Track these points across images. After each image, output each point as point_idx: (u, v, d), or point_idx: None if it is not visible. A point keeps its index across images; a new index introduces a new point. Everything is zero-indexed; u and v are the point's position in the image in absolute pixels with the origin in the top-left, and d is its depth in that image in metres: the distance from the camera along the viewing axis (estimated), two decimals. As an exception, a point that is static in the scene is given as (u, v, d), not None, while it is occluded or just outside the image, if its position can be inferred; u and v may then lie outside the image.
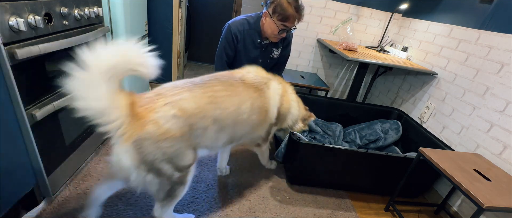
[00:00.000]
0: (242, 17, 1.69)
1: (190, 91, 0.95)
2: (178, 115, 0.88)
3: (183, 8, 2.26)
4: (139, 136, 0.82)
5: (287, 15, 1.51)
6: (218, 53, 1.73)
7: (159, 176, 0.93)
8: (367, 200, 1.64)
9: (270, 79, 1.27)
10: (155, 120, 0.84)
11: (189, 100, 0.92)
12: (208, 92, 0.99)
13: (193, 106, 0.92)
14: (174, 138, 0.88)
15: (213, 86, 1.03)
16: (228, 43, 1.66)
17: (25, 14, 0.90)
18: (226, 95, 1.04)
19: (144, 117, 0.84)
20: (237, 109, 1.06)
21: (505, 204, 1.05)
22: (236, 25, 1.64)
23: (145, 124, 0.83)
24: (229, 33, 1.64)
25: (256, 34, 1.67)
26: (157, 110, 0.86)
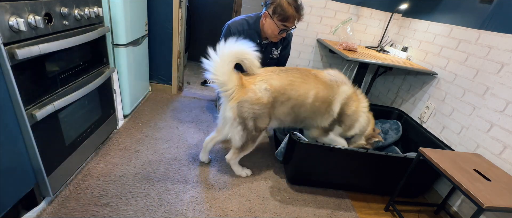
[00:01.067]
0: (241, 17, 1.69)
1: (277, 74, 1.36)
2: (268, 88, 1.31)
3: (183, 8, 2.26)
4: (242, 98, 1.29)
5: (287, 16, 1.51)
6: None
7: (244, 129, 1.37)
8: (367, 200, 1.64)
9: (344, 83, 1.49)
10: (254, 89, 1.29)
11: (276, 80, 1.34)
12: (289, 77, 1.37)
13: (278, 84, 1.33)
14: (263, 103, 1.31)
15: (293, 73, 1.40)
16: None
17: (25, 14, 0.90)
18: (301, 81, 1.38)
19: (247, 86, 1.29)
20: (305, 93, 1.38)
21: (505, 204, 1.05)
22: (235, 26, 1.64)
23: (247, 92, 1.29)
24: (228, 33, 1.65)
25: (256, 34, 1.67)
26: (256, 83, 1.30)
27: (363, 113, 1.55)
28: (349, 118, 1.51)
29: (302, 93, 1.37)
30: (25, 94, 0.94)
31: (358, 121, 1.54)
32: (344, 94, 1.47)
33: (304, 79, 1.39)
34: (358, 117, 1.53)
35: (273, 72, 1.37)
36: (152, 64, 2.36)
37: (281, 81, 1.34)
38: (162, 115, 2.12)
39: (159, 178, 1.46)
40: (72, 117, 1.24)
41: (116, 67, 1.77)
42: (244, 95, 1.28)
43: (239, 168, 1.59)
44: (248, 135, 1.38)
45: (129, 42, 1.80)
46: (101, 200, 1.26)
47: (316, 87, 1.41)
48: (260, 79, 1.31)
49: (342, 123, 1.53)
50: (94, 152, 1.55)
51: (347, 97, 1.48)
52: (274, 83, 1.32)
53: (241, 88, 1.29)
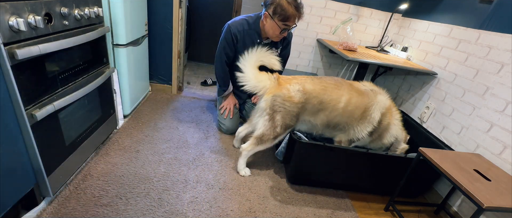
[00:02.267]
0: (241, 17, 1.70)
1: (312, 80, 1.48)
2: (301, 90, 1.43)
3: (183, 8, 2.26)
4: (276, 93, 1.43)
5: (288, 15, 1.52)
6: (217, 53, 1.73)
7: (270, 120, 1.46)
8: (367, 200, 1.64)
9: (380, 93, 1.57)
10: (288, 88, 1.43)
11: (310, 84, 1.45)
12: (323, 83, 1.47)
13: (311, 88, 1.44)
14: (294, 102, 1.42)
15: (327, 80, 1.50)
16: (228, 44, 1.67)
17: (25, 14, 0.90)
18: (334, 87, 1.47)
19: (283, 85, 1.44)
20: (337, 98, 1.46)
21: (505, 204, 1.05)
22: (235, 26, 1.64)
23: (282, 89, 1.43)
24: (228, 33, 1.65)
25: (256, 34, 1.67)
26: (291, 83, 1.44)
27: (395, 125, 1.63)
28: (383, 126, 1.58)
29: (334, 98, 1.45)
30: (25, 94, 0.94)
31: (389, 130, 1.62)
32: (382, 103, 1.54)
33: (337, 86, 1.48)
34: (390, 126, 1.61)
35: (308, 78, 1.49)
36: (152, 64, 2.36)
37: (314, 86, 1.44)
38: (162, 115, 2.12)
39: (159, 178, 1.46)
40: (72, 117, 1.24)
41: (116, 67, 1.77)
42: (278, 91, 1.42)
43: (244, 164, 1.61)
44: (272, 126, 1.46)
45: (129, 42, 1.80)
46: (101, 200, 1.26)
47: (349, 93, 1.48)
48: (295, 81, 1.45)
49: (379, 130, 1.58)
50: (94, 152, 1.55)
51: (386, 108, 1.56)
52: (307, 86, 1.43)
53: (277, 85, 1.44)
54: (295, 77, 1.49)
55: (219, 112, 2.03)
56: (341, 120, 1.51)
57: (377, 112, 1.52)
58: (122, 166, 1.49)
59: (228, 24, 1.67)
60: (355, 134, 1.57)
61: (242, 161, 1.60)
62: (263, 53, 1.46)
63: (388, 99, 1.59)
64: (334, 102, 1.45)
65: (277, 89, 1.42)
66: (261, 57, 1.46)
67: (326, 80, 1.49)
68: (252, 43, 1.68)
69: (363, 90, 1.53)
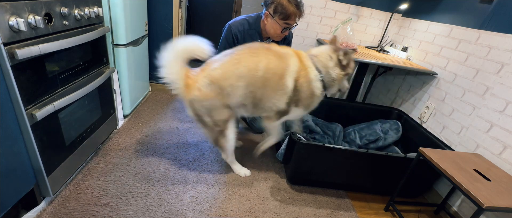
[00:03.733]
0: (242, 17, 1.69)
1: (220, 61, 1.29)
2: (210, 82, 1.26)
3: (183, 8, 2.26)
4: (190, 97, 1.28)
5: (288, 13, 1.52)
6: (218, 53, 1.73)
7: (205, 126, 1.38)
8: (367, 200, 1.64)
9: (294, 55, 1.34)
10: (198, 87, 1.27)
11: (217, 69, 1.26)
12: (233, 56, 1.28)
13: (219, 73, 1.26)
14: (211, 98, 1.27)
15: (240, 50, 1.31)
16: (229, 44, 1.66)
17: (25, 14, 0.89)
18: (249, 55, 1.28)
19: (192, 86, 1.27)
20: (255, 65, 1.26)
21: (505, 204, 1.05)
22: (236, 26, 1.64)
23: (193, 90, 1.27)
24: (229, 33, 1.65)
25: (256, 34, 1.67)
26: (199, 81, 1.27)
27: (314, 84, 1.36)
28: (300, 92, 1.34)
29: (252, 66, 1.25)
30: (25, 94, 0.94)
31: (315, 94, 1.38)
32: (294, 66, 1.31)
33: (252, 52, 1.29)
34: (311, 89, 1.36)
35: (217, 60, 1.29)
36: (152, 64, 2.36)
37: (223, 67, 1.26)
38: (162, 115, 2.12)
39: (159, 178, 1.46)
40: (72, 117, 1.24)
41: (116, 67, 1.77)
42: (191, 95, 1.28)
43: (238, 166, 1.60)
44: (211, 129, 1.39)
45: (129, 42, 1.80)
46: (101, 200, 1.26)
47: (266, 58, 1.28)
48: (203, 75, 1.27)
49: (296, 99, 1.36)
50: (94, 152, 1.55)
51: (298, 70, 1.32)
52: (215, 73, 1.25)
53: (187, 88, 1.28)
54: (204, 68, 1.30)
55: None
56: (263, 92, 1.31)
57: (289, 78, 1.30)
58: (122, 166, 1.49)
59: (228, 24, 1.67)
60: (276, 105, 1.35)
61: (233, 166, 1.60)
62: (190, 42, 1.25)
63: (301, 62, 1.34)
64: (252, 71, 1.25)
65: (189, 93, 1.28)
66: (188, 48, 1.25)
67: (239, 51, 1.30)
68: None
69: (282, 53, 1.32)
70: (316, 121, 2.09)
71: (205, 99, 1.27)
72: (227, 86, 1.26)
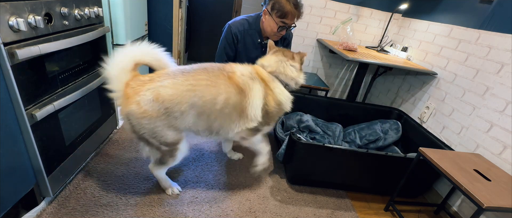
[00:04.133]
0: (242, 17, 1.69)
1: (173, 79, 1.08)
2: (154, 99, 1.04)
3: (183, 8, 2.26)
4: (127, 111, 1.05)
5: (285, 12, 1.50)
6: (218, 53, 1.72)
7: (148, 145, 1.17)
8: (367, 200, 1.64)
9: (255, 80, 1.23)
10: (138, 101, 1.04)
11: (168, 88, 1.06)
12: (190, 80, 1.10)
13: (169, 93, 1.06)
14: (151, 117, 1.06)
15: (197, 75, 1.13)
16: (228, 44, 1.66)
17: (25, 14, 0.89)
18: (206, 84, 1.12)
19: (131, 97, 1.05)
20: (213, 99, 1.12)
21: (505, 204, 1.05)
22: (236, 26, 1.64)
23: (131, 103, 1.04)
24: (229, 33, 1.64)
25: (256, 34, 1.67)
26: (141, 93, 1.04)
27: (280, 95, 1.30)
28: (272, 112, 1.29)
29: (209, 99, 1.11)
30: (25, 94, 0.94)
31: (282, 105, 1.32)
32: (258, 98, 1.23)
33: (211, 81, 1.13)
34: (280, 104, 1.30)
35: (169, 76, 1.09)
36: (152, 64, 2.36)
37: (175, 87, 1.06)
38: (162, 115, 2.12)
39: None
40: (72, 117, 1.24)
41: (116, 67, 1.77)
42: (127, 108, 1.05)
43: (167, 182, 1.37)
44: (157, 150, 1.18)
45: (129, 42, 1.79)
46: (101, 200, 1.26)
47: (227, 91, 1.14)
48: (148, 87, 1.05)
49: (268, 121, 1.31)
50: (94, 152, 1.55)
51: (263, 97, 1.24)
52: (164, 92, 1.04)
53: (125, 99, 1.05)
54: (152, 78, 1.08)
55: None
56: (222, 123, 1.20)
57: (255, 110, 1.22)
58: (122, 166, 1.49)
59: (228, 24, 1.66)
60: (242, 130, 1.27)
61: (161, 181, 1.36)
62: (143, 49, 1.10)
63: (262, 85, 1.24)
64: (208, 104, 1.11)
65: (126, 105, 1.05)
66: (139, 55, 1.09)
67: (196, 75, 1.12)
68: (253, 43, 1.68)
69: (241, 84, 1.19)
70: (316, 121, 2.10)
71: (143, 117, 1.05)
72: (175, 111, 1.07)
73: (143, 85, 1.06)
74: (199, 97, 1.09)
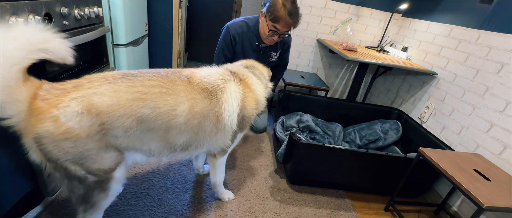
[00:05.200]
0: (241, 19, 1.69)
1: (113, 84, 0.81)
2: (84, 112, 0.75)
3: (183, 8, 2.26)
4: (37, 133, 0.73)
5: (278, 16, 1.42)
6: (216, 54, 1.72)
7: (68, 177, 0.83)
8: (367, 200, 1.64)
9: (228, 81, 1.05)
10: (56, 116, 0.73)
11: (105, 96, 0.78)
12: (137, 87, 0.84)
13: (107, 103, 0.78)
14: (78, 138, 0.75)
15: (147, 80, 0.87)
16: (226, 45, 1.66)
17: (25, 14, 0.90)
18: (161, 92, 0.86)
19: (44, 112, 0.73)
20: (171, 110, 0.87)
21: (505, 204, 1.05)
22: (235, 28, 1.63)
23: (44, 121, 0.72)
24: (227, 35, 1.64)
25: (255, 37, 1.66)
26: (61, 104, 0.74)
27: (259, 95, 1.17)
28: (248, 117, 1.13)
29: (164, 111, 0.86)
30: (25, 94, 0.94)
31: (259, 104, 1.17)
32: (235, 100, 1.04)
33: (167, 88, 0.89)
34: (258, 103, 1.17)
35: (106, 81, 0.82)
36: (152, 64, 2.36)
37: (116, 95, 0.80)
38: (162, 115, 2.12)
39: (159, 178, 1.46)
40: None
41: (116, 67, 1.77)
42: (37, 128, 0.72)
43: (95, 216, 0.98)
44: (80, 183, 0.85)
45: (129, 42, 1.80)
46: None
47: (190, 98, 0.92)
48: (72, 96, 0.76)
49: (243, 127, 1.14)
50: (94, 152, 1.55)
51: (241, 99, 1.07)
52: (100, 102, 0.77)
53: (33, 115, 0.73)
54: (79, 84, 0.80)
55: None
56: (189, 138, 0.96)
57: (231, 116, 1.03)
58: (122, 166, 1.49)
59: (227, 25, 1.66)
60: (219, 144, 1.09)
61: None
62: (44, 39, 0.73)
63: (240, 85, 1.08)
64: (165, 117, 0.87)
65: (35, 124, 0.72)
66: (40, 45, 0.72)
67: (146, 79, 0.87)
68: (250, 46, 1.68)
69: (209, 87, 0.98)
70: (316, 121, 2.10)
71: (66, 139, 0.74)
72: (117, 126, 0.80)
73: (65, 94, 0.76)
74: (151, 108, 0.84)
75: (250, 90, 1.12)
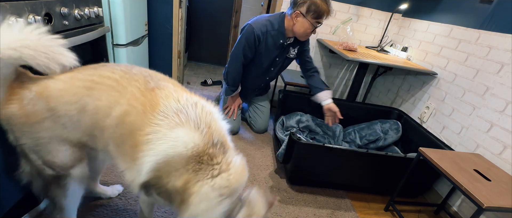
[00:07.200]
0: (264, 17, 1.68)
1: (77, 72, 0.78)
2: (37, 95, 0.73)
3: (183, 8, 2.26)
4: (6, 115, 0.74)
5: (322, 12, 1.56)
6: (235, 52, 1.71)
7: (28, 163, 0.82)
8: (367, 200, 1.64)
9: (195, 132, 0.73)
10: (20, 98, 0.73)
11: (60, 81, 0.75)
12: (94, 75, 0.77)
13: (58, 87, 0.74)
14: (33, 122, 0.74)
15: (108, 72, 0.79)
16: (249, 44, 1.65)
17: (25, 14, 0.89)
18: (110, 86, 0.76)
19: (17, 92, 0.74)
20: (108, 106, 0.75)
21: (505, 204, 1.05)
22: (259, 27, 1.63)
23: (12, 101, 0.74)
24: (251, 34, 1.62)
25: (280, 35, 1.67)
26: (24, 90, 0.74)
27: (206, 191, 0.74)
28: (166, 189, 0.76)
29: (102, 105, 0.75)
30: (25, 94, 0.94)
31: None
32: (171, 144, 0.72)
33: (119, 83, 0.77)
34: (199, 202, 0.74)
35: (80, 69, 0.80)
36: (152, 64, 2.36)
37: (70, 83, 0.76)
38: (162, 115, 2.12)
39: (159, 178, 1.46)
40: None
41: (116, 67, 1.77)
42: (6, 110, 0.74)
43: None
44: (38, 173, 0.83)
45: (129, 42, 1.80)
46: (101, 200, 1.26)
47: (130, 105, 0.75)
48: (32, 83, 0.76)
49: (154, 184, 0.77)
50: (94, 152, 1.55)
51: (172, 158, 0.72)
52: (53, 86, 0.75)
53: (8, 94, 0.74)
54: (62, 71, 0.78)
55: (223, 112, 2.02)
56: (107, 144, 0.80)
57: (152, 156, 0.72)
58: (122, 166, 1.49)
59: (249, 24, 1.64)
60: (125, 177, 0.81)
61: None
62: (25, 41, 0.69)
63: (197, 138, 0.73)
64: (101, 113, 0.76)
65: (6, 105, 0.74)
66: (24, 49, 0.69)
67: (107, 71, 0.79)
68: (274, 44, 1.68)
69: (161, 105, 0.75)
70: (316, 121, 2.10)
71: (24, 121, 0.74)
72: (62, 114, 0.75)
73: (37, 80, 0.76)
74: (94, 99, 0.75)
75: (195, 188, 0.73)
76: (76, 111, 0.75)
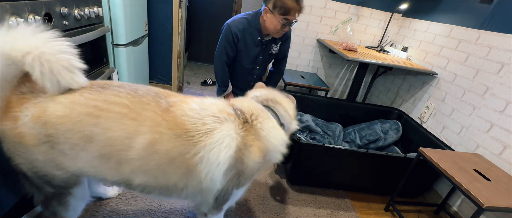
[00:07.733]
0: (240, 16, 1.69)
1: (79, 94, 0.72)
2: (33, 120, 0.69)
3: (183, 8, 2.26)
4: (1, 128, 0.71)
5: (288, 9, 1.50)
6: (217, 53, 1.72)
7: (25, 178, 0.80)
8: (367, 200, 1.64)
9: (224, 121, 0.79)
10: (16, 117, 0.70)
11: (61, 105, 0.70)
12: (98, 101, 0.71)
13: (57, 113, 0.69)
14: (27, 145, 0.71)
15: (113, 96, 0.73)
16: (229, 43, 1.66)
17: (25, 14, 0.89)
18: (120, 113, 0.71)
19: (13, 108, 0.70)
20: (126, 137, 0.71)
21: (505, 204, 1.05)
22: (236, 25, 1.64)
23: (7, 117, 0.70)
24: (229, 32, 1.64)
25: (257, 31, 1.66)
26: (24, 106, 0.70)
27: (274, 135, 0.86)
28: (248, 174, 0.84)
29: (117, 136, 0.71)
30: (25, 94, 0.94)
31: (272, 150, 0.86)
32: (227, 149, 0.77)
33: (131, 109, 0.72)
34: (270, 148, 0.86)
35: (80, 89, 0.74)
36: (152, 64, 2.36)
37: (71, 107, 0.70)
38: (162, 115, 2.12)
39: (159, 178, 1.46)
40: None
41: (116, 67, 1.77)
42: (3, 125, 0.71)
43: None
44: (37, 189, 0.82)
45: (129, 42, 1.80)
46: (101, 200, 1.26)
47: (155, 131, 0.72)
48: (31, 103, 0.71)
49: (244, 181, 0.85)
50: (94, 152, 1.55)
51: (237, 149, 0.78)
52: (52, 110, 0.70)
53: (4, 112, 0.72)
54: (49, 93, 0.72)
55: None
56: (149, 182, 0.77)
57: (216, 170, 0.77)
58: (122, 166, 1.49)
59: (227, 23, 1.66)
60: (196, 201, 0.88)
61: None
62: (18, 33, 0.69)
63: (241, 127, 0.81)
64: (118, 144, 0.71)
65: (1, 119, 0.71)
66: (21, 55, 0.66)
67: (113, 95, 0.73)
68: (253, 41, 1.68)
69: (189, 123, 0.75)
70: (316, 121, 2.10)
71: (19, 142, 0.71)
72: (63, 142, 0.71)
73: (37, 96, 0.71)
74: (103, 129, 0.70)
75: (258, 137, 0.82)
76: (81, 140, 0.71)
